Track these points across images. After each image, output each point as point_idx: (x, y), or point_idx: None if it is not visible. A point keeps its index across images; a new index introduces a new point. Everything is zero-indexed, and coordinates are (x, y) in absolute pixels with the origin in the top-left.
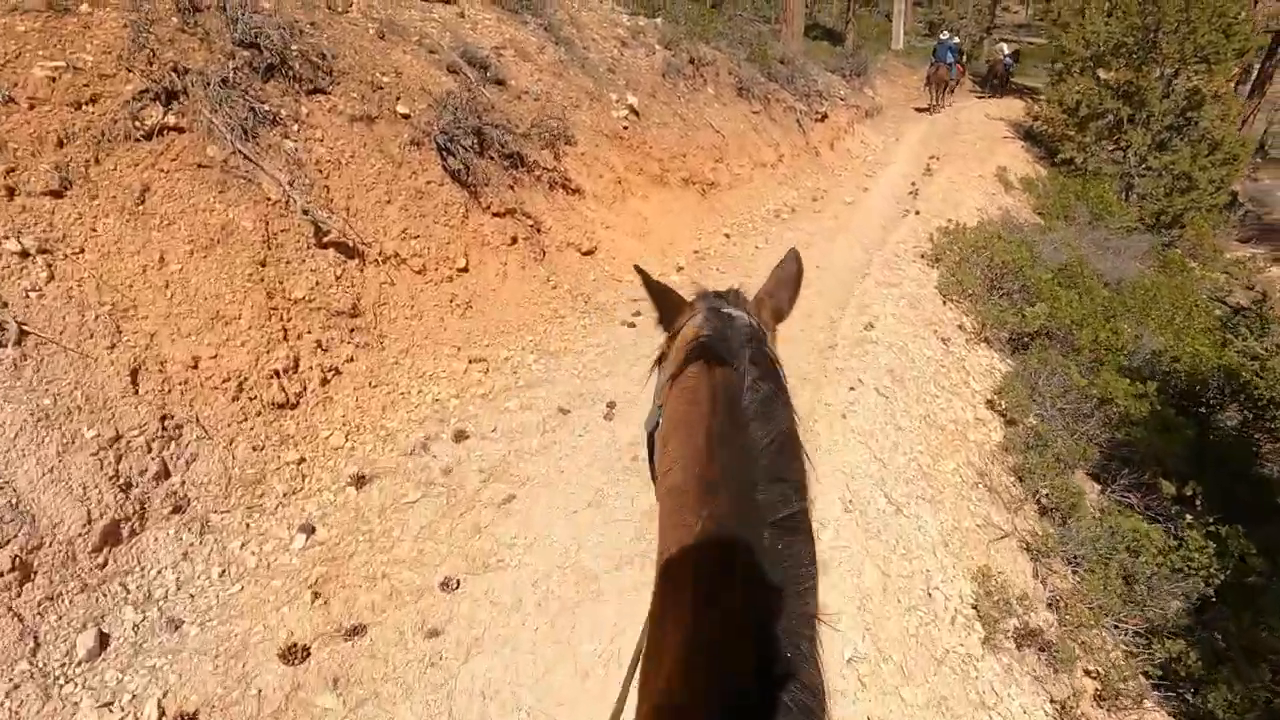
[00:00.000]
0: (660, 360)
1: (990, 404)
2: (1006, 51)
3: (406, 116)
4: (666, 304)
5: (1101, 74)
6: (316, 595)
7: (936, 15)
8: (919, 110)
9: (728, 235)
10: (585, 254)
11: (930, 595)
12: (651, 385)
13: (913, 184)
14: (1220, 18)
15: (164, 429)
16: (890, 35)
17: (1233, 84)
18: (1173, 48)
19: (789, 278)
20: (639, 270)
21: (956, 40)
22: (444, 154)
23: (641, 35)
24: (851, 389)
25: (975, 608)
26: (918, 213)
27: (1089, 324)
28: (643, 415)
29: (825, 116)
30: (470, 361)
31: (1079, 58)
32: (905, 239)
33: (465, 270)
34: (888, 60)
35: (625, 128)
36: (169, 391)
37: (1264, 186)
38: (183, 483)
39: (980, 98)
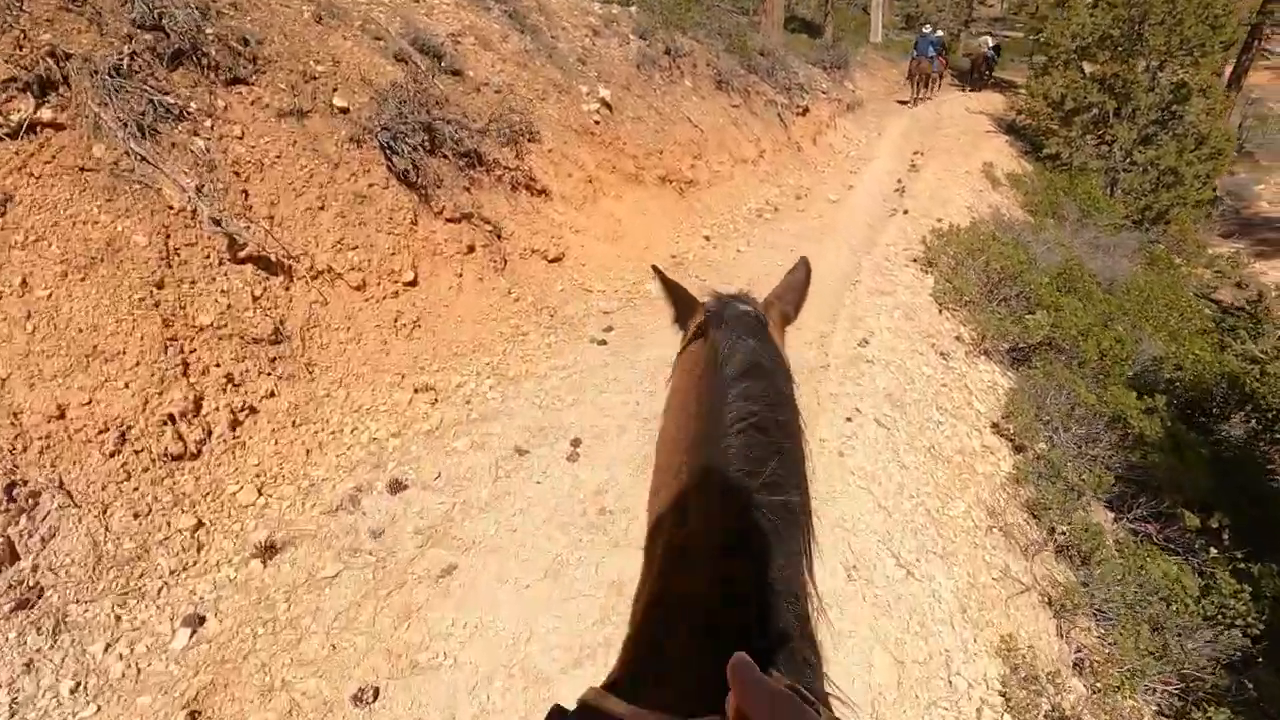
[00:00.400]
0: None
1: (996, 428)
2: (990, 45)
3: (345, 110)
4: (681, 303)
5: (1086, 67)
6: (194, 717)
7: (913, 8)
8: (901, 103)
9: (707, 237)
10: (552, 261)
11: (952, 683)
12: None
13: (899, 181)
14: (1206, 9)
15: (11, 499)
16: (868, 28)
17: (1217, 77)
18: (1159, 40)
19: (798, 284)
20: (655, 269)
21: (939, 34)
22: (389, 153)
23: (615, 24)
24: (849, 419)
25: (1003, 694)
26: (906, 212)
27: (1093, 334)
28: (611, 453)
29: (807, 110)
30: (416, 391)
31: (1064, 50)
32: (895, 241)
33: (413, 284)
34: (867, 53)
35: (596, 122)
36: (22, 450)
37: (1240, 180)
38: (34, 568)
39: (962, 90)
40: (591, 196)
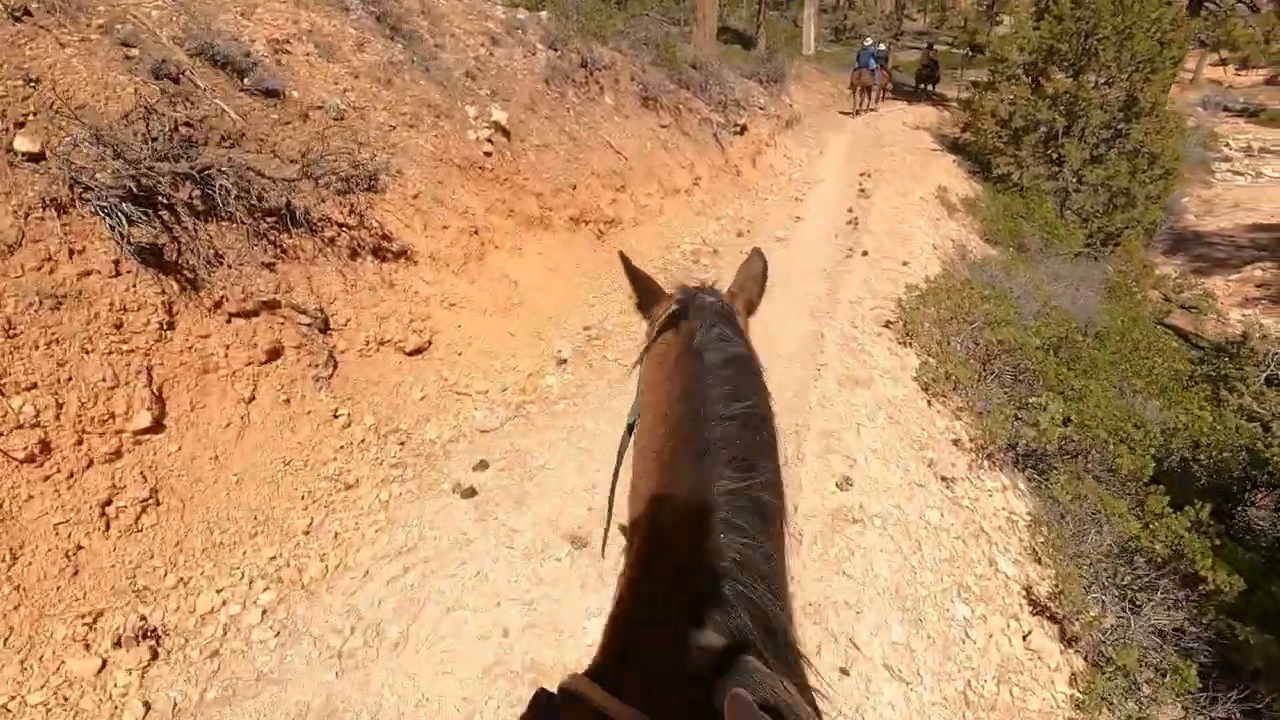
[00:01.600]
0: (643, 353)
1: (1035, 604)
2: (934, 51)
3: (36, 157)
4: (646, 293)
5: (1034, 81)
6: None
7: (841, 21)
8: (843, 114)
9: (632, 296)
10: (412, 354)
11: None
12: (634, 380)
13: (850, 211)
14: (1155, 24)
15: None
16: (800, 40)
17: (1163, 94)
18: (1109, 55)
19: (756, 274)
20: (622, 256)
21: (882, 47)
22: (122, 220)
23: (520, 31)
24: (842, 674)
25: None
26: (865, 253)
27: (1120, 429)
28: None
29: (745, 129)
30: (116, 644)
31: (1011, 65)
32: (860, 297)
33: (153, 430)
34: (801, 65)
35: (488, 153)
36: None
37: (1172, 196)
38: None
39: (908, 102)
40: (477, 253)
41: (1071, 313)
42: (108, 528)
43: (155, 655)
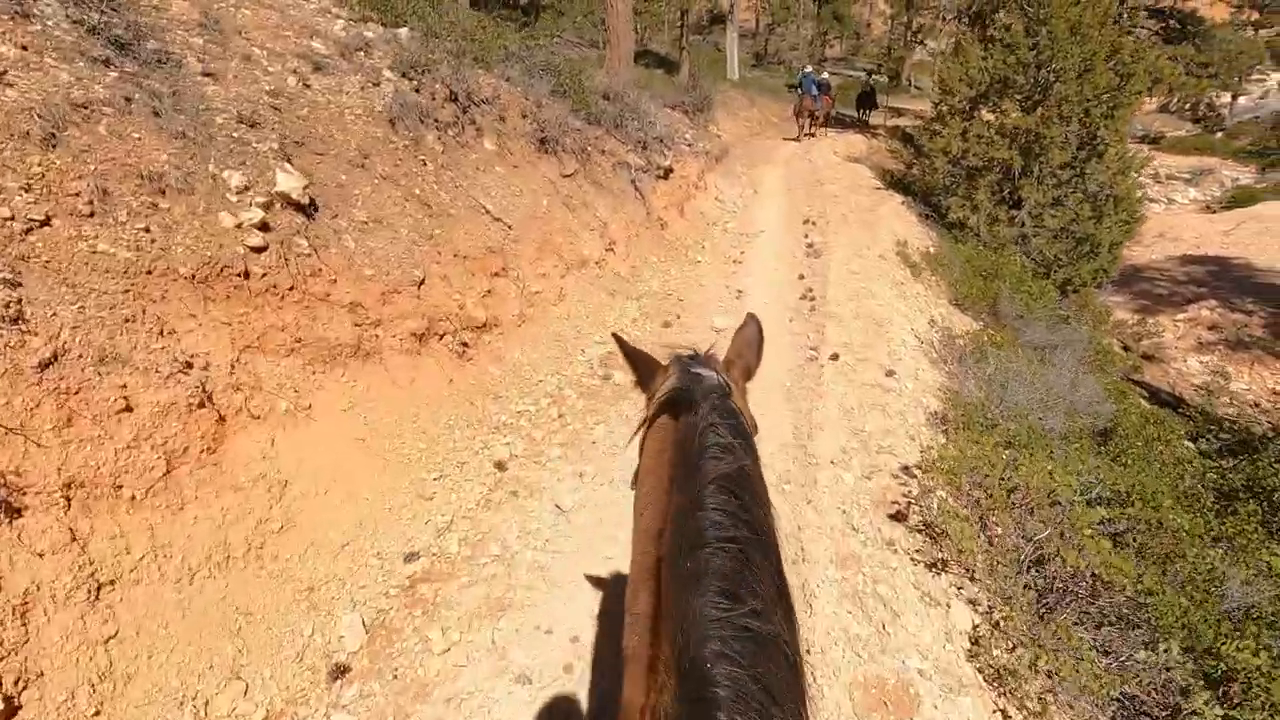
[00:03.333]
0: (644, 422)
1: None
2: (872, 79)
3: None
4: (644, 369)
5: (986, 116)
6: None
7: (762, 46)
8: (787, 139)
9: (503, 465)
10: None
11: None
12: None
13: (802, 279)
14: (1114, 55)
15: None
16: (724, 64)
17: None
18: (1070, 88)
19: (752, 339)
20: (616, 337)
21: (825, 76)
22: None
23: (362, 54)
24: None
25: None
26: (835, 356)
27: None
28: None
29: (670, 171)
30: None
31: (963, 98)
32: (845, 449)
33: None
34: (726, 91)
35: (260, 248)
36: None
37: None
38: None
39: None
40: (203, 444)
41: (1078, 409)
42: None
43: None
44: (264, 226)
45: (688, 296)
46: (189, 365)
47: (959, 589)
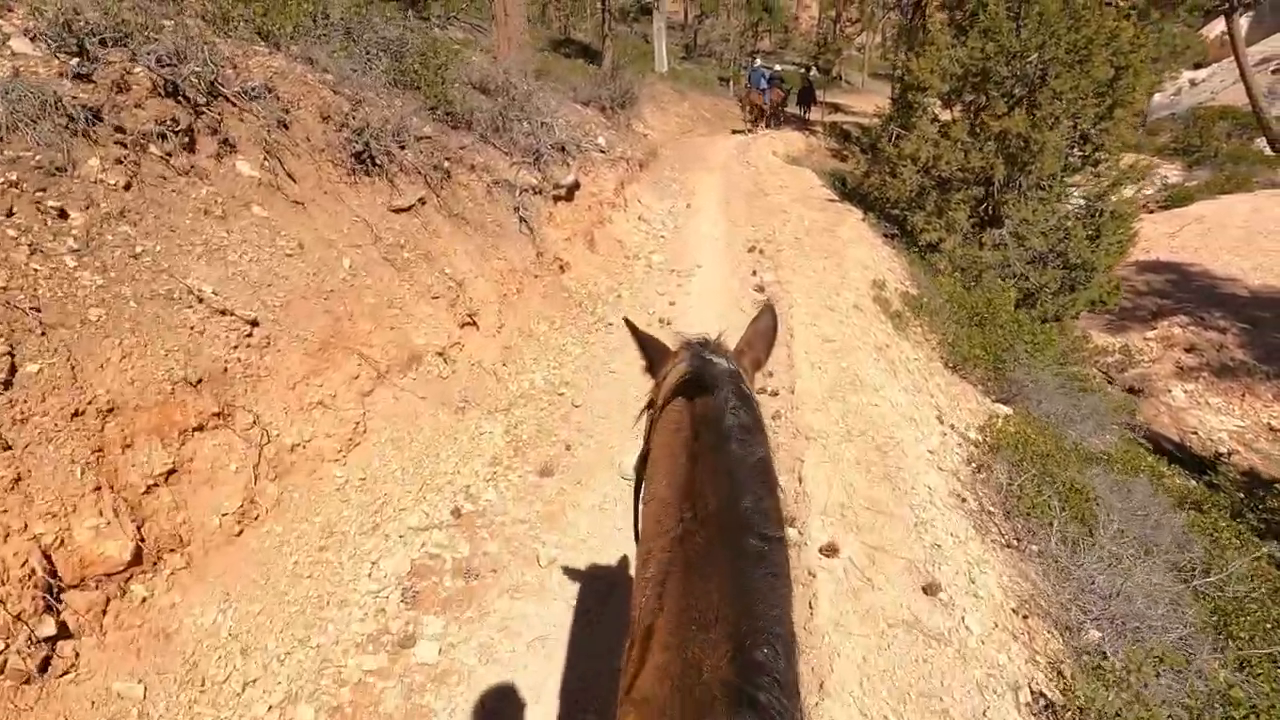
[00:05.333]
0: (649, 405)
1: None
2: (812, 75)
3: None
4: (653, 352)
5: (954, 115)
6: None
7: (691, 39)
8: (735, 132)
9: None
10: None
11: None
12: (640, 430)
13: (768, 378)
14: (1111, 41)
15: None
16: (652, 56)
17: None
18: (1065, 83)
19: (766, 330)
20: (627, 321)
21: (777, 68)
22: None
23: None
24: None
25: None
26: (833, 550)
27: None
28: None
29: (575, 188)
30: None
31: (935, 93)
32: None
33: None
34: (655, 84)
35: None
36: None
37: None
38: None
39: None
40: None
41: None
42: None
43: None
44: None
45: (590, 397)
46: None
47: None
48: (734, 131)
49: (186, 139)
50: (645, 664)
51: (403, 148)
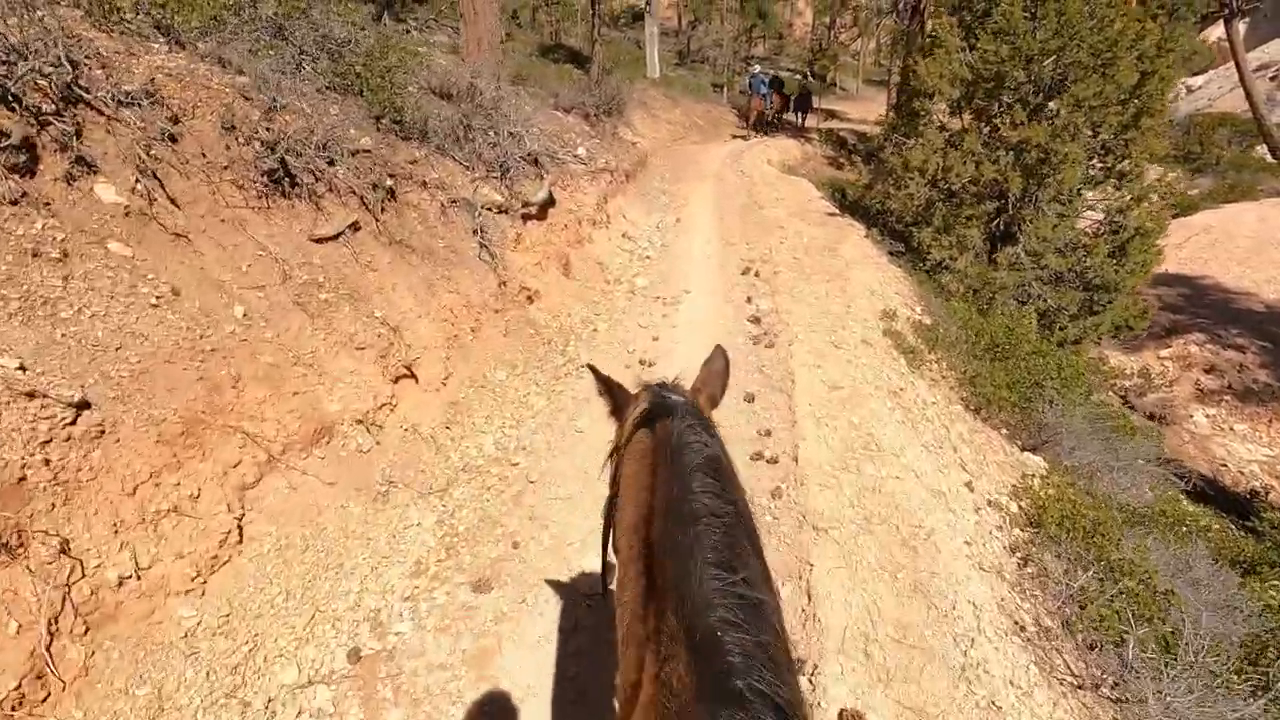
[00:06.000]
0: (615, 450)
1: None
2: (808, 82)
3: None
4: (617, 396)
5: (963, 124)
6: None
7: (684, 44)
8: (735, 136)
9: None
10: None
11: None
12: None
13: (751, 401)
14: (1136, 43)
15: None
16: (643, 62)
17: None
18: (1089, 88)
19: (719, 371)
20: (591, 368)
21: (774, 73)
22: None
23: None
24: None
25: None
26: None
27: None
28: None
29: (549, 205)
30: None
31: (945, 99)
32: None
33: None
34: (646, 90)
35: None
36: None
37: None
38: None
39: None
40: None
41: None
42: None
43: None
44: None
45: (550, 467)
46: None
47: None
48: (734, 136)
49: (24, 157)
50: (634, 694)
51: (332, 163)
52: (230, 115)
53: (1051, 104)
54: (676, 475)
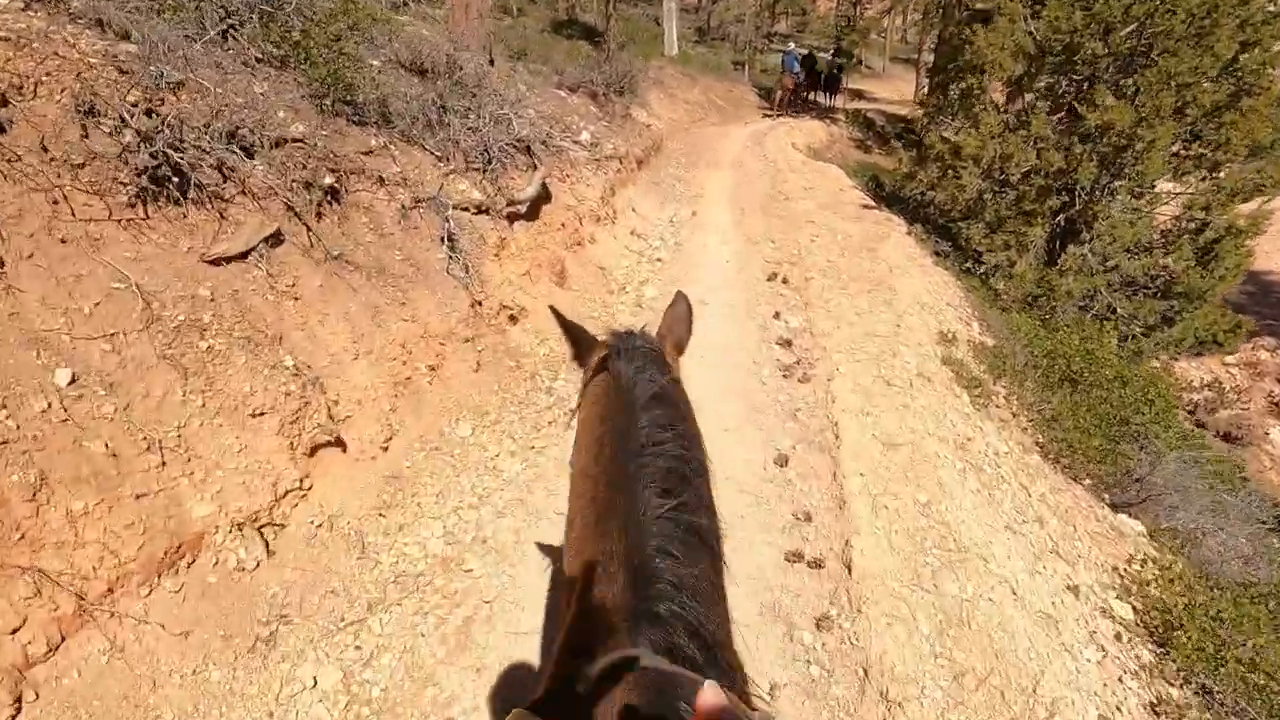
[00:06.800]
0: (581, 395)
1: None
2: (829, 58)
3: None
4: (580, 342)
5: (1022, 103)
6: None
7: (705, 20)
8: (765, 115)
9: None
10: None
11: None
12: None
13: (784, 467)
14: (1239, 9)
15: None
16: (662, 39)
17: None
18: (1182, 64)
19: (681, 315)
20: (553, 310)
21: (806, 51)
22: None
23: None
24: None
25: None
26: None
27: None
28: None
29: (540, 204)
30: None
31: (1007, 76)
32: None
33: None
34: (663, 68)
35: None
36: None
37: None
38: None
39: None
40: None
41: None
42: None
43: None
44: None
45: (515, 576)
46: None
47: None
48: (763, 115)
49: None
50: (567, 615)
51: (250, 156)
52: (90, 94)
53: (1128, 81)
54: (626, 409)
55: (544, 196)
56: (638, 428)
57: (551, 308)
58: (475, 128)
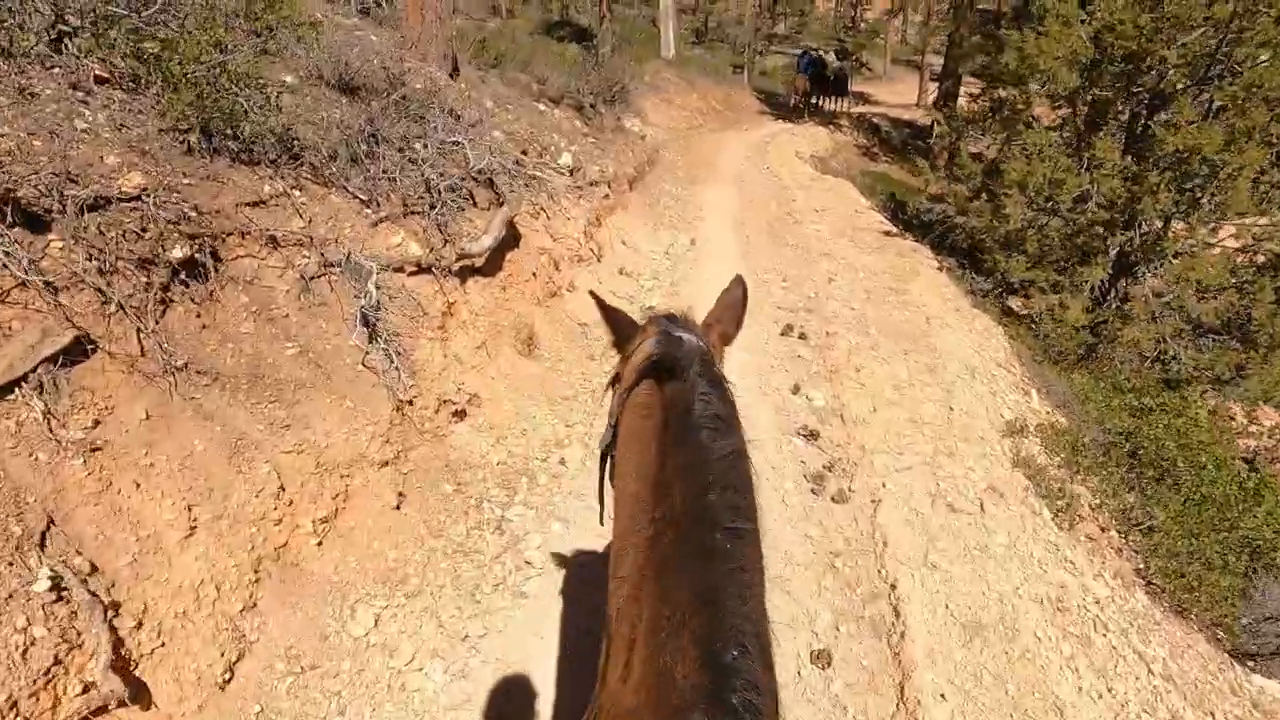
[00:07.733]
0: (615, 381)
1: None
2: (835, 61)
3: None
4: (620, 327)
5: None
6: None
7: (702, 22)
8: (780, 119)
9: None
10: None
11: None
12: (607, 405)
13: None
14: None
15: None
16: (658, 41)
17: None
18: (1275, 74)
19: (734, 303)
20: (593, 295)
21: (818, 53)
22: None
23: None
24: None
25: None
26: None
27: None
28: None
29: (503, 253)
30: None
31: (1061, 87)
32: None
33: None
34: (659, 72)
35: None
36: None
37: None
38: None
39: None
40: None
41: None
42: None
43: None
44: None
45: None
46: None
47: None
48: (777, 118)
49: None
50: (625, 674)
51: (40, 229)
52: None
53: (1202, 95)
54: (689, 477)
55: (510, 241)
56: (710, 483)
57: (591, 292)
58: (418, 160)
